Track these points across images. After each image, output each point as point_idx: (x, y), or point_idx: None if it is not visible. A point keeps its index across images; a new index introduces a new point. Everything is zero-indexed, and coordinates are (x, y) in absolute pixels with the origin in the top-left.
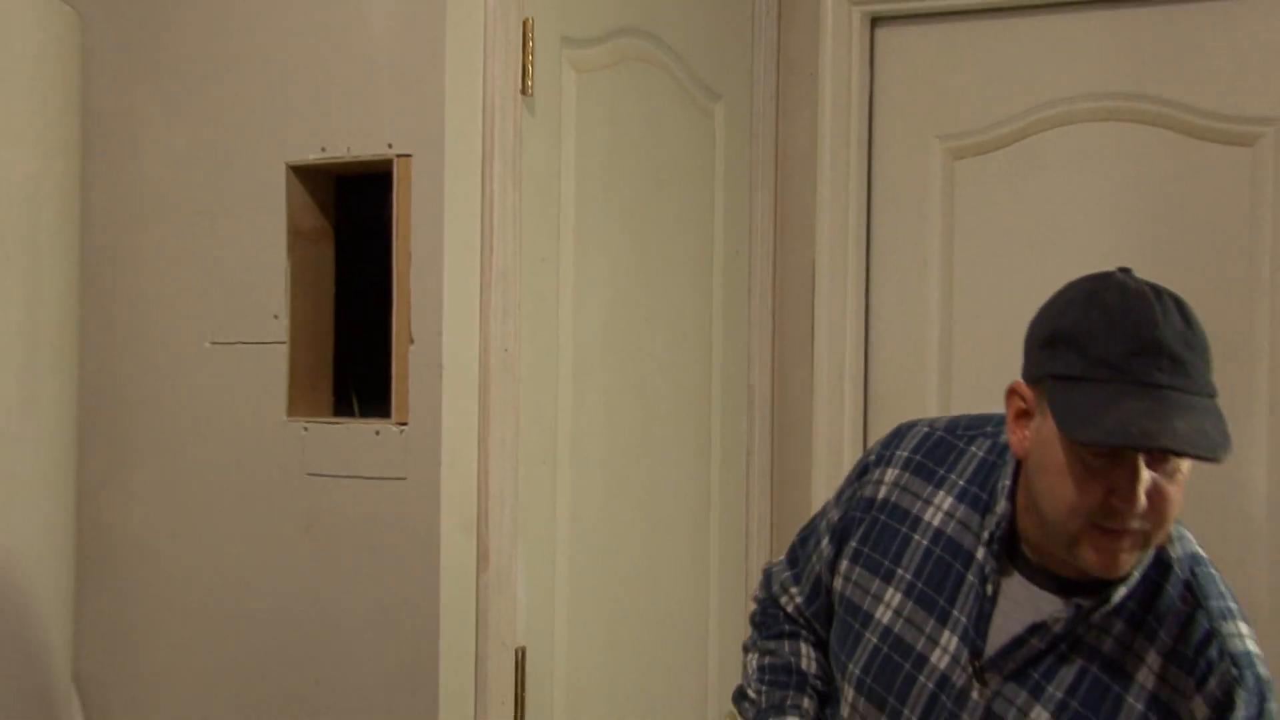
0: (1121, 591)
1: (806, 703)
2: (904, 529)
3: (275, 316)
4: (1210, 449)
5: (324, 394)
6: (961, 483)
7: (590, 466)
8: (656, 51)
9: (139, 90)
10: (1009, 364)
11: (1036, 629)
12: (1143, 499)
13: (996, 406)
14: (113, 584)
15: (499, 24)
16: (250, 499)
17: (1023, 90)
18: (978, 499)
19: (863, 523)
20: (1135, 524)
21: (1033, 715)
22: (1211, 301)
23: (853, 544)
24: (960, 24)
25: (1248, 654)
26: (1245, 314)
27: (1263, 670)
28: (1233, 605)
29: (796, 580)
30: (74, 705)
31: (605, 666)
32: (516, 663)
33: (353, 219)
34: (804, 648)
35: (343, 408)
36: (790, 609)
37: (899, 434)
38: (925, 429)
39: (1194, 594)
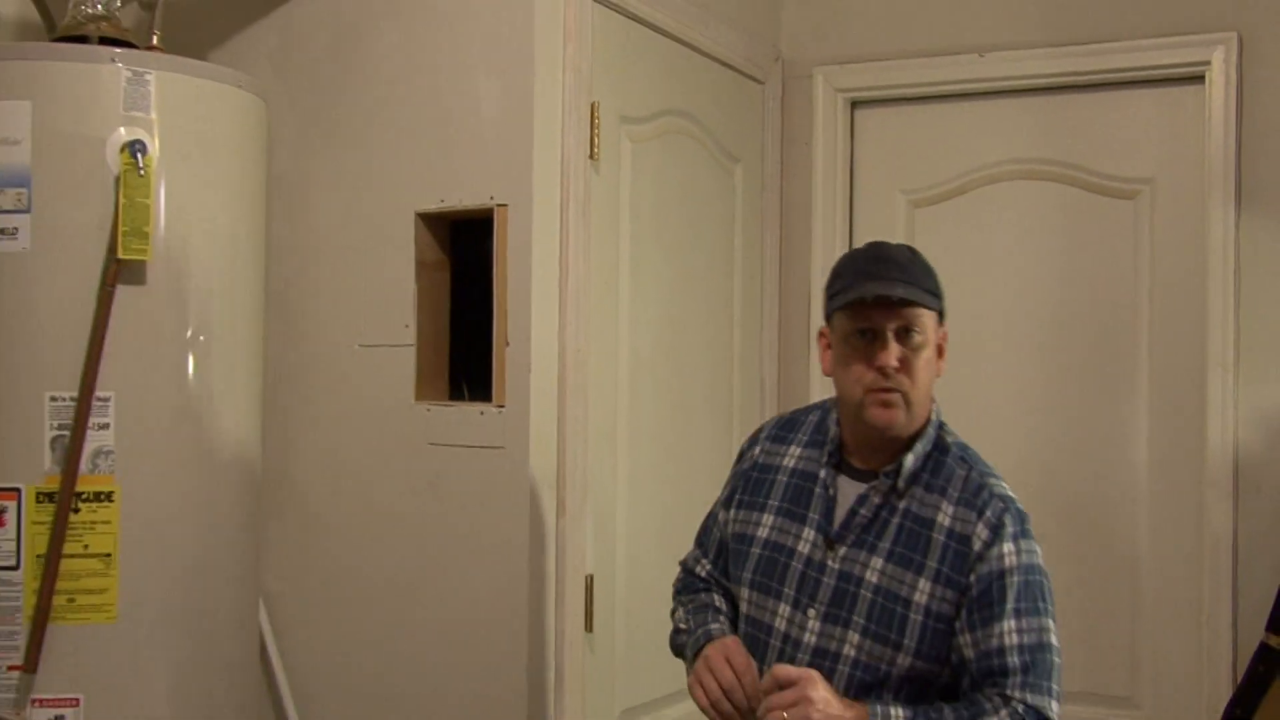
0: (910, 459)
1: (722, 618)
2: (770, 476)
3: (406, 326)
4: (921, 299)
5: (442, 383)
6: (805, 437)
7: (642, 439)
8: (691, 126)
9: (308, 159)
10: (957, 364)
11: (862, 499)
12: (894, 360)
13: (944, 395)
14: (287, 522)
15: (573, 106)
16: (387, 462)
17: (965, 155)
18: (817, 440)
19: (741, 484)
20: (895, 383)
21: (872, 564)
22: (1105, 314)
23: (736, 498)
24: (918, 106)
25: (1009, 496)
26: (1131, 325)
27: (1020, 506)
28: (993, 469)
29: (705, 553)
30: (262, 613)
31: (653, 589)
32: (586, 586)
33: (463, 253)
34: (715, 597)
35: (456, 394)
36: (703, 574)
37: (763, 425)
38: (778, 416)
39: (967, 462)
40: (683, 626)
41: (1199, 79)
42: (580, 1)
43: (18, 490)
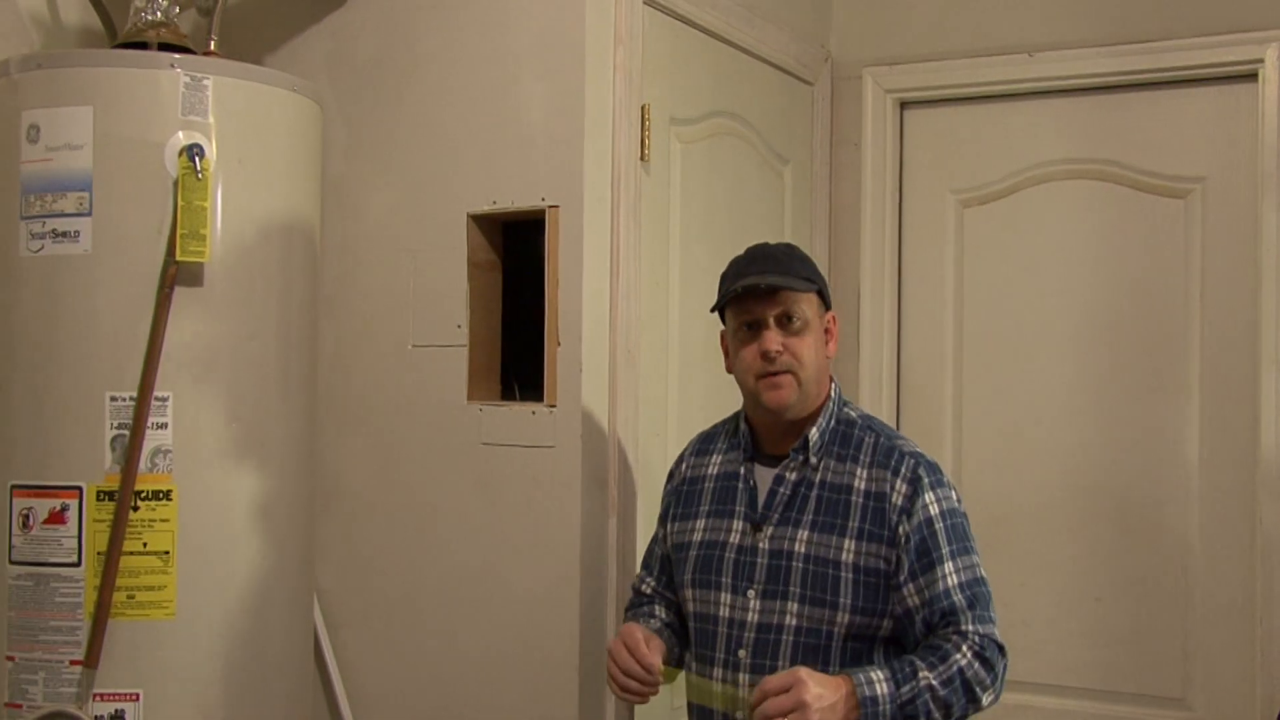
0: (814, 433)
1: (655, 623)
2: (698, 487)
3: (459, 326)
4: (791, 284)
5: (494, 383)
6: (724, 444)
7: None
8: (741, 127)
9: (361, 161)
10: (1006, 362)
11: (778, 480)
12: (774, 344)
13: (997, 394)
14: (339, 520)
15: (624, 109)
16: (440, 461)
17: (1014, 155)
18: (733, 443)
19: (674, 500)
20: (781, 365)
21: (799, 536)
22: (1156, 314)
23: (672, 512)
24: (967, 107)
25: (918, 452)
26: (1181, 324)
27: (930, 459)
28: (899, 433)
29: (650, 572)
30: (316, 609)
31: None
32: None
33: (515, 254)
34: (657, 608)
35: (508, 394)
36: (648, 590)
37: (687, 446)
38: (698, 433)
39: (874, 430)
40: None
41: (1252, 77)
42: (631, 4)
43: (79, 489)
